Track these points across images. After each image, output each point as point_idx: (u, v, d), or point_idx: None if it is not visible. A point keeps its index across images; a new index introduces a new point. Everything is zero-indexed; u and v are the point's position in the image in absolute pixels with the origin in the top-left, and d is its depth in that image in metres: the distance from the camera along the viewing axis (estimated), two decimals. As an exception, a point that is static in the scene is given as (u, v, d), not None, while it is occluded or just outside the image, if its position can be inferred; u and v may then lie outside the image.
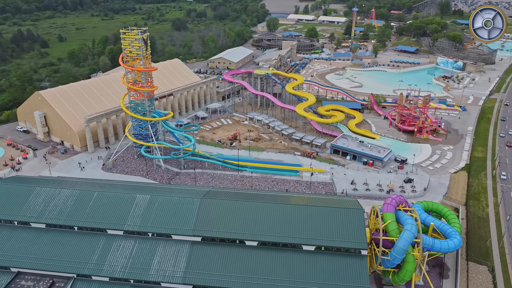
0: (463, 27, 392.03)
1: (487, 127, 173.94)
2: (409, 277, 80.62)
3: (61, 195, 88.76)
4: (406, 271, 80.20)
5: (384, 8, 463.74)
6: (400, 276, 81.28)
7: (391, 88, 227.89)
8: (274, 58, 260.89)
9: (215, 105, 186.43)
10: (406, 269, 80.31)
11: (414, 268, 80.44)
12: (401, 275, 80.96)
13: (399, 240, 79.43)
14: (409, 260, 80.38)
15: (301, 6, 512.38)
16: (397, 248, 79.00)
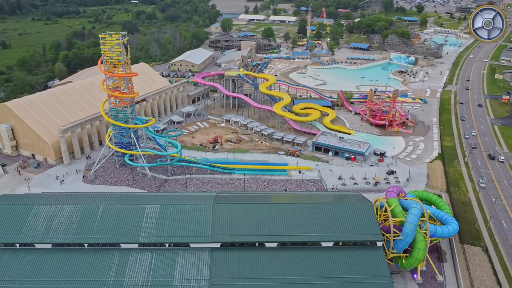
0: (407, 23, 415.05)
1: (449, 118, 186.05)
2: (422, 256, 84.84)
3: (63, 212, 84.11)
4: (419, 250, 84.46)
5: (331, 7, 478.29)
6: (413, 257, 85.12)
7: (353, 84, 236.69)
8: (237, 59, 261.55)
9: (189, 108, 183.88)
10: (418, 248, 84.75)
11: (425, 247, 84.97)
12: (414, 254, 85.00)
13: (409, 216, 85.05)
14: (419, 239, 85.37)
15: (250, 6, 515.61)
16: (407, 224, 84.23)
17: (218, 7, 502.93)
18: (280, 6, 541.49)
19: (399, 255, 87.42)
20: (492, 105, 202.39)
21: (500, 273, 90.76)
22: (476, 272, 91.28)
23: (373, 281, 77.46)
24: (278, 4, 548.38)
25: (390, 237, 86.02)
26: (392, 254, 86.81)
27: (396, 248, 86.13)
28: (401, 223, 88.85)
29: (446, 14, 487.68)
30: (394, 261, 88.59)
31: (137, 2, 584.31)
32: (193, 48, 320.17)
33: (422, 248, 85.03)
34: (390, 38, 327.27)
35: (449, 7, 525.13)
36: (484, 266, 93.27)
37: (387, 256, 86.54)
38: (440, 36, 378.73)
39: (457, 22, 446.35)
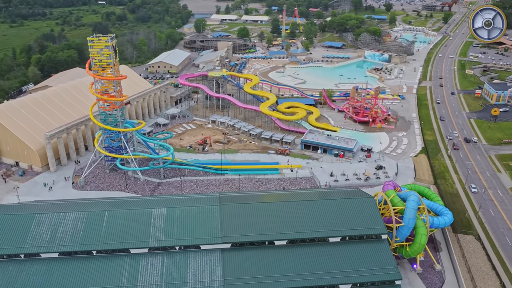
0: (377, 22, 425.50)
1: (428, 113, 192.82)
2: (424, 241, 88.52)
3: (67, 220, 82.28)
4: (421, 236, 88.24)
5: (302, 6, 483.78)
6: (416, 242, 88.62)
7: (332, 83, 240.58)
8: (216, 59, 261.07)
9: (173, 110, 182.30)
10: (420, 234, 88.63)
11: (427, 232, 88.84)
12: (417, 240, 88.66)
13: (408, 203, 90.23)
14: (420, 225, 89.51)
15: (222, 6, 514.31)
16: (408, 210, 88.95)
17: (189, 7, 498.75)
18: (251, 5, 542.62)
19: (402, 244, 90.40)
20: (466, 100, 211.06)
21: (494, 259, 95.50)
22: (471, 259, 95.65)
23: (381, 272, 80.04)
24: (249, 4, 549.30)
25: (392, 226, 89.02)
26: (396, 243, 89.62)
27: (399, 236, 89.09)
28: (401, 212, 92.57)
29: (413, 12, 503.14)
30: (398, 251, 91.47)
31: (105, 3, 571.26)
32: (168, 49, 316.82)
33: (424, 233, 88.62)
34: (362, 36, 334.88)
35: (415, 5, 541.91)
36: (479, 253, 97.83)
37: (391, 246, 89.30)
38: (409, 33, 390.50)
39: (424, 19, 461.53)
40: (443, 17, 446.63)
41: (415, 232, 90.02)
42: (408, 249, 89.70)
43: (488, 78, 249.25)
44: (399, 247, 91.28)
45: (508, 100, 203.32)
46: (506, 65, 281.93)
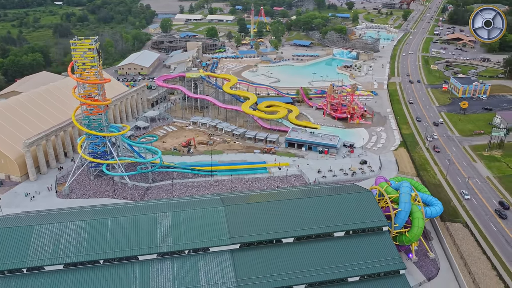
0: (341, 20, 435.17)
1: (401, 107, 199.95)
2: (422, 225, 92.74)
3: (69, 229, 79.57)
4: (418, 220, 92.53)
5: (267, 5, 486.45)
6: (414, 226, 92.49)
7: (305, 80, 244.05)
8: (188, 59, 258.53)
9: (153, 113, 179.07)
10: (417, 218, 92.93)
11: (423, 216, 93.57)
12: (415, 224, 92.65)
13: (402, 189, 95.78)
14: (415, 210, 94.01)
15: (185, 6, 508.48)
16: (403, 196, 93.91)
17: (152, 7, 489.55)
18: (215, 5, 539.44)
19: (401, 231, 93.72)
20: (435, 94, 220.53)
21: (483, 244, 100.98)
22: (462, 246, 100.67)
23: (386, 263, 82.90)
24: (212, 3, 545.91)
25: (390, 214, 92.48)
26: (396, 230, 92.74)
27: (398, 222, 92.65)
28: (395, 200, 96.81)
29: (373, 10, 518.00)
30: (398, 240, 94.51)
31: (62, 3, 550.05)
32: (135, 50, 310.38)
33: (420, 217, 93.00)
34: (329, 34, 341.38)
35: (375, 3, 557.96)
36: (468, 240, 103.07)
37: (391, 234, 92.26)
38: (372, 31, 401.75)
39: (385, 17, 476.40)
40: (403, 15, 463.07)
41: (411, 217, 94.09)
42: (408, 234, 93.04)
43: (451, 72, 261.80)
44: (399, 235, 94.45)
45: (473, 93, 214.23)
46: (466, 60, 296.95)
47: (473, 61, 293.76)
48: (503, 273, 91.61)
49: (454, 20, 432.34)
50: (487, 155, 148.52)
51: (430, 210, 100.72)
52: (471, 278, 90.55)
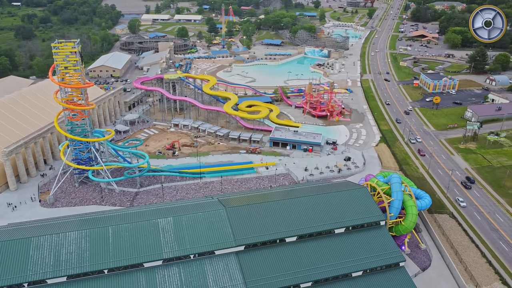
0: (309, 18, 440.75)
1: (376, 104, 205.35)
2: (416, 212, 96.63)
3: (69, 240, 77.06)
4: (411, 207, 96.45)
5: (234, 4, 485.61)
6: (408, 214, 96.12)
7: (280, 79, 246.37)
8: (162, 61, 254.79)
9: (132, 116, 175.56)
10: (410, 206, 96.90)
11: (415, 204, 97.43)
12: (409, 211, 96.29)
13: (392, 179, 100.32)
14: (407, 199, 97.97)
15: (151, 6, 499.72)
16: (394, 185, 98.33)
17: (118, 7, 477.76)
18: (181, 4, 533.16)
19: (396, 221, 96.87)
20: (407, 90, 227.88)
21: (470, 233, 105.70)
22: (451, 236, 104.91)
23: (386, 256, 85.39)
24: (178, 3, 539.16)
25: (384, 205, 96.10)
26: (391, 220, 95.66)
27: (393, 211, 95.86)
28: (387, 193, 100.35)
29: (339, 8, 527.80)
30: (394, 230, 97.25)
31: (20, 4, 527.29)
32: (104, 52, 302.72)
33: (413, 204, 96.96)
34: (299, 33, 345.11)
35: (340, 2, 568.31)
36: (456, 230, 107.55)
37: (387, 226, 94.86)
38: (340, 29, 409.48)
39: (350, 15, 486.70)
40: (368, 13, 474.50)
41: (405, 206, 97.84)
42: (404, 223, 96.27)
43: (420, 68, 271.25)
44: (394, 225, 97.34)
45: (443, 89, 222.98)
46: (432, 56, 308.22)
47: (438, 57, 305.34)
48: (492, 259, 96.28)
49: (417, 17, 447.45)
50: (463, 147, 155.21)
51: (420, 203, 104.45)
52: (463, 267, 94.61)
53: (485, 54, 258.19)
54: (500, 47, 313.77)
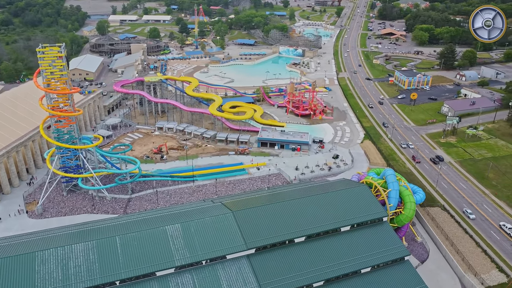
0: (280, 18, 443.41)
1: (356, 102, 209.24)
2: (413, 199, 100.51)
3: (75, 252, 74.17)
4: (409, 196, 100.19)
5: (203, 4, 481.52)
6: (406, 202, 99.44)
7: (258, 79, 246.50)
8: (137, 63, 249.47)
9: (114, 120, 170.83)
10: (407, 195, 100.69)
11: (411, 193, 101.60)
12: (406, 200, 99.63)
13: (386, 172, 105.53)
14: (403, 189, 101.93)
15: (118, 6, 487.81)
16: (389, 177, 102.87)
17: (83, 8, 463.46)
18: (148, 5, 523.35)
19: (396, 211, 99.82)
20: (383, 87, 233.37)
21: (463, 224, 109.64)
22: (445, 228, 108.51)
23: (392, 252, 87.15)
24: (145, 3, 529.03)
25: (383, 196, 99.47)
26: (391, 211, 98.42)
27: (392, 202, 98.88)
28: (383, 186, 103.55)
29: (307, 7, 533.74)
30: (396, 221, 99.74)
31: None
32: (74, 54, 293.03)
33: (410, 194, 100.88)
34: (272, 32, 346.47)
35: (309, 1, 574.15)
36: (449, 222, 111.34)
37: (388, 218, 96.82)
38: (310, 28, 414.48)
39: (319, 14, 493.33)
40: (336, 12, 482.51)
41: (402, 196, 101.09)
42: (404, 212, 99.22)
43: (392, 66, 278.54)
44: (395, 216, 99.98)
45: (417, 85, 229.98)
46: (402, 53, 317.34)
47: (408, 54, 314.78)
48: (487, 249, 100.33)
49: (384, 15, 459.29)
50: (444, 141, 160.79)
51: (415, 197, 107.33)
52: (460, 257, 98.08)
53: (454, 51, 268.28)
54: (465, 43, 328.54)
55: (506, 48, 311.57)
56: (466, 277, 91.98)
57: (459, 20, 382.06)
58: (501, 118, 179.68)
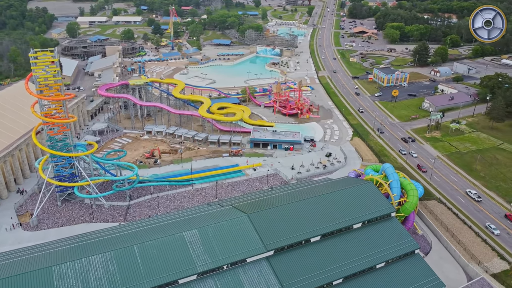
0: (253, 18, 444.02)
1: (340, 100, 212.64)
2: (415, 188, 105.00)
3: (94, 264, 71.91)
4: (410, 185, 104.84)
5: (174, 5, 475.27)
6: (409, 190, 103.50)
7: (239, 80, 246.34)
8: (115, 65, 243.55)
9: (100, 125, 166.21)
10: (408, 183, 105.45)
11: (413, 184, 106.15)
12: (408, 188, 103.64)
13: (384, 165, 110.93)
14: (403, 180, 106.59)
15: (85, 7, 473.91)
16: (388, 169, 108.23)
17: (47, 10, 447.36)
18: (116, 5, 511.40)
19: (400, 201, 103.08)
20: (362, 84, 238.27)
21: (460, 216, 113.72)
22: (444, 220, 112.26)
23: (403, 246, 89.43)
24: (113, 4, 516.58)
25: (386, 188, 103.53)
26: (396, 201, 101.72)
27: (394, 191, 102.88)
28: (384, 179, 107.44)
29: (278, 7, 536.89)
30: (402, 210, 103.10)
31: None
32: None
33: (410, 183, 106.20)
34: (248, 32, 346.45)
35: (280, 0, 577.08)
36: (447, 213, 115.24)
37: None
38: (284, 27, 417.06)
39: (291, 14, 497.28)
40: (308, 11, 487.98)
41: (403, 186, 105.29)
42: (408, 199, 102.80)
43: (369, 63, 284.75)
44: (400, 206, 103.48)
45: (396, 82, 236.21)
46: (375, 51, 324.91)
47: (381, 52, 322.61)
48: (486, 238, 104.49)
49: (354, 14, 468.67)
50: (429, 136, 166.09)
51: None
52: (462, 247, 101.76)
53: (427, 48, 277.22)
54: (434, 40, 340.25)
55: (473, 44, 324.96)
56: (470, 266, 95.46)
57: (427, 18, 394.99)
58: (479, 112, 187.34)
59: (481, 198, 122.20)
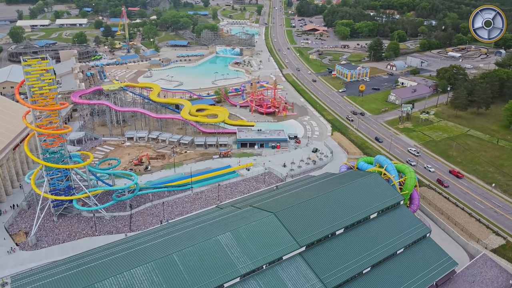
0: (204, 17, 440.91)
1: (311, 97, 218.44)
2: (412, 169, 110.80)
3: (137, 277, 69.90)
4: (407, 167, 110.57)
5: (119, 6, 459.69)
6: (407, 173, 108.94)
7: (205, 81, 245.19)
8: (77, 71, 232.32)
9: (77, 134, 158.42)
10: (405, 166, 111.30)
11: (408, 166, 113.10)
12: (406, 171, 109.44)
13: (377, 156, 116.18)
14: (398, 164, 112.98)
15: (24, 10, 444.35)
16: (380, 157, 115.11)
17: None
18: (57, 8, 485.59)
19: (400, 181, 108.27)
20: (328, 81, 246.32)
21: (451, 199, 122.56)
22: (438, 204, 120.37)
23: (416, 231, 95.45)
24: (53, 5, 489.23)
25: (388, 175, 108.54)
26: (397, 181, 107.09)
27: (392, 173, 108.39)
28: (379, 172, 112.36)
29: (227, 6, 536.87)
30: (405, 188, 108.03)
31: None
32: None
33: (407, 166, 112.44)
34: (204, 33, 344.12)
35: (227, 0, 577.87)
36: (438, 198, 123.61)
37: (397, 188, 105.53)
38: (236, 26, 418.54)
39: (240, 13, 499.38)
40: (257, 10, 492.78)
41: (400, 170, 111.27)
42: (406, 176, 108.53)
43: (328, 60, 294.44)
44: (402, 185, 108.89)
45: (358, 77, 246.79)
46: (329, 48, 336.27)
47: (336, 48, 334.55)
48: (479, 218, 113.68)
49: (302, 12, 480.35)
50: (402, 127, 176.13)
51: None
52: (459, 228, 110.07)
53: (381, 43, 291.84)
54: (382, 35, 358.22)
55: (418, 39, 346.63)
56: (470, 245, 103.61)
57: (373, 15, 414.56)
58: (441, 102, 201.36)
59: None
